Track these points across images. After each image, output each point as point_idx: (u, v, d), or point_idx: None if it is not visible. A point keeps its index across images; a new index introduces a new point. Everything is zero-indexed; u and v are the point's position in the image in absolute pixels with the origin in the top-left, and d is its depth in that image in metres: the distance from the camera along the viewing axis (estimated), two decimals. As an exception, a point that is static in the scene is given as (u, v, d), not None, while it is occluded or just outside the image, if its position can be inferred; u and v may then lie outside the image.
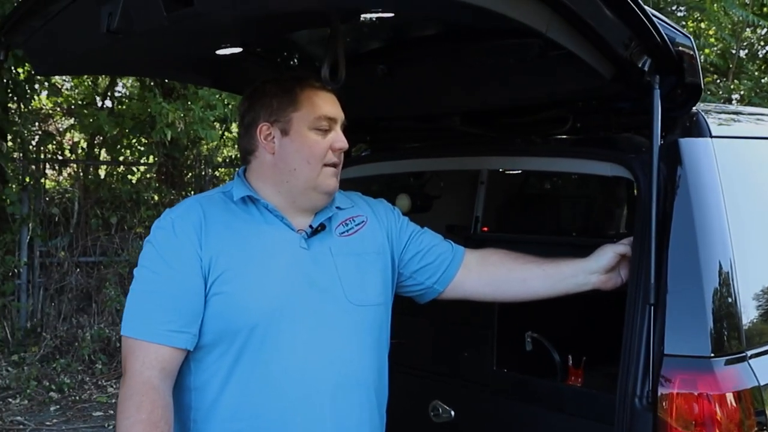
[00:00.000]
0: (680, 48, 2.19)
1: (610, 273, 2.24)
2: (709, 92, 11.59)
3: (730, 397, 1.97)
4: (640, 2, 1.99)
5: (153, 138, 7.70)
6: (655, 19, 2.08)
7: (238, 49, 2.56)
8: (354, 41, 2.76)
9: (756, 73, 11.17)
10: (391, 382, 3.11)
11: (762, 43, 12.30)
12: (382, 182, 3.99)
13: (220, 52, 2.53)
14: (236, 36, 2.34)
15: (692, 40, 2.24)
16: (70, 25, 2.30)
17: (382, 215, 2.25)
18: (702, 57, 11.55)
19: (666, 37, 2.12)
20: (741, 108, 3.50)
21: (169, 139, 7.33)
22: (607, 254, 2.24)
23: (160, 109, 6.97)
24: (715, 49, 11.42)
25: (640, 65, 2.16)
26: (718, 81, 12.13)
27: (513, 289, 2.26)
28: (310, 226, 2.04)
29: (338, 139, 2.04)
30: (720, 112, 2.60)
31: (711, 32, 11.60)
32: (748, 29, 11.24)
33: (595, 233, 4.14)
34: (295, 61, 2.86)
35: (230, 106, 7.76)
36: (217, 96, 7.55)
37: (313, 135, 2.00)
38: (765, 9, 10.69)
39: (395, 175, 3.67)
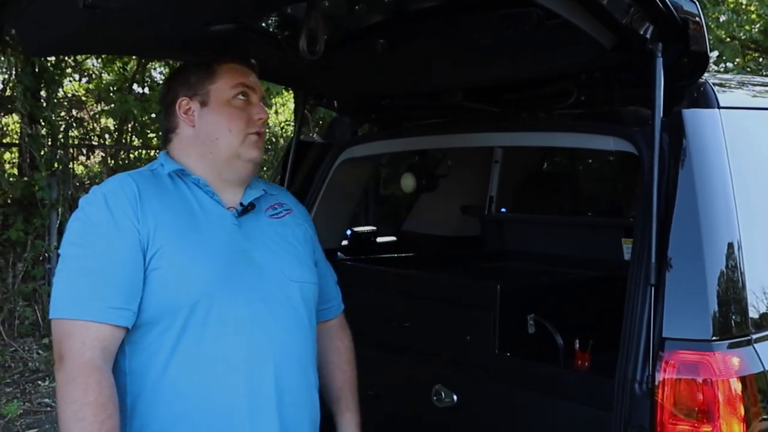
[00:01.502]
0: (685, 14, 2.07)
1: None
2: (749, 69, 11.25)
3: (733, 382, 1.86)
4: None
5: None
6: (656, -19, 1.95)
7: (231, 26, 2.50)
8: (351, 16, 2.68)
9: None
10: (393, 366, 3.05)
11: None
12: (387, 161, 3.91)
13: (214, 28, 2.47)
14: (217, 10, 2.27)
15: (698, 6, 2.11)
16: (53, 3, 2.25)
17: (305, 218, 2.22)
18: (743, 34, 11.21)
19: (669, 3, 2.00)
20: (757, 78, 3.34)
21: None
22: None
23: None
24: (757, 25, 11.06)
25: (641, 33, 2.04)
26: (760, 58, 11.75)
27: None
28: (241, 204, 1.99)
29: (258, 109, 2.03)
30: (731, 82, 2.45)
31: (752, 8, 11.23)
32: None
33: (614, 213, 4.01)
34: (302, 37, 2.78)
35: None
36: None
37: (232, 104, 1.99)
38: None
39: (400, 154, 3.59)
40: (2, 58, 7.28)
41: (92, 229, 1.81)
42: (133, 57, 7.79)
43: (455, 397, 2.74)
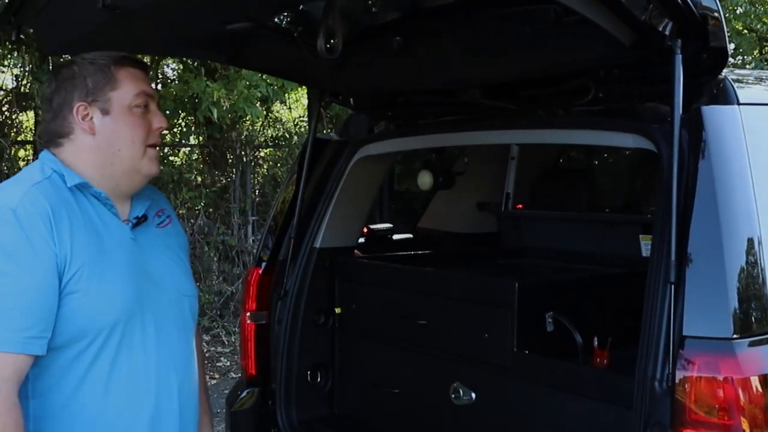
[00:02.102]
0: (704, 10, 2.06)
1: None
2: (766, 62, 11.17)
3: (754, 380, 1.86)
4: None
5: (198, 117, 7.72)
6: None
7: (248, 24, 2.51)
8: (367, 13, 2.68)
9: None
10: (412, 363, 3.07)
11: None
12: (401, 158, 3.92)
13: (231, 27, 2.48)
14: (240, 9, 2.28)
15: (717, 1, 2.10)
16: (72, 3, 2.27)
17: (179, 225, 2.19)
18: (760, 25, 11.14)
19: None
20: None
21: (215, 117, 7.33)
22: None
23: (204, 88, 6.98)
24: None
25: (660, 29, 2.03)
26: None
27: None
28: (136, 217, 1.96)
29: (158, 118, 1.97)
30: (751, 78, 2.44)
31: (770, -1, 11.17)
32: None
33: (631, 209, 4.00)
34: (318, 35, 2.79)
35: (274, 87, 7.75)
36: (259, 76, 7.53)
37: (134, 113, 1.91)
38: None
39: (415, 151, 3.60)
40: (17, 55, 7.32)
41: (4, 251, 1.70)
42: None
43: (473, 395, 2.75)
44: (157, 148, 1.99)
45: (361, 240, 3.72)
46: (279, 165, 9.28)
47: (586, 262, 3.58)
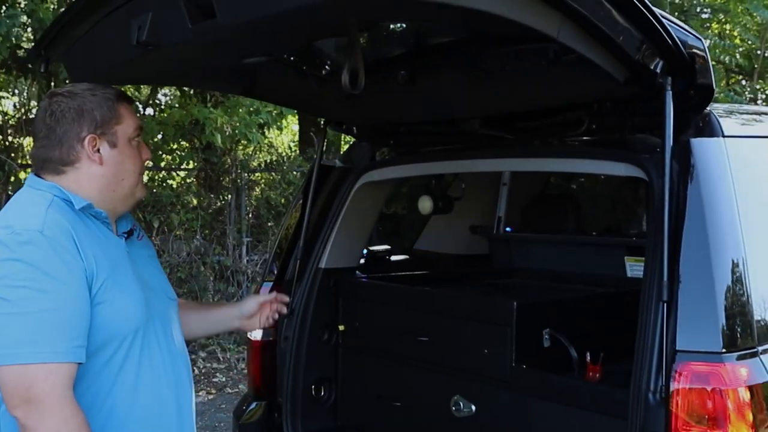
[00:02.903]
0: (692, 50, 2.17)
1: (252, 318, 2.53)
2: (733, 92, 11.39)
3: (742, 391, 1.94)
4: (650, 6, 1.98)
5: (201, 142, 7.83)
6: (666, 21, 2.06)
7: (264, 58, 2.59)
8: (375, 48, 2.77)
9: (782, 76, 10.96)
10: (413, 377, 3.13)
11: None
12: (404, 185, 4.00)
13: (247, 61, 2.56)
14: (260, 46, 2.36)
15: (704, 41, 2.22)
16: (104, 37, 2.34)
17: (149, 241, 2.33)
18: (727, 58, 11.36)
19: (677, 40, 2.10)
20: (756, 107, 3.45)
21: (220, 142, 7.44)
22: (250, 303, 2.53)
23: (207, 114, 7.09)
24: (740, 50, 11.23)
25: (652, 67, 2.14)
26: (744, 81, 11.91)
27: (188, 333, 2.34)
28: (125, 232, 2.08)
29: (145, 149, 2.12)
30: (734, 112, 2.56)
31: (735, 33, 11.40)
32: (772, 30, 11.02)
33: (616, 232, 4.11)
34: (326, 68, 2.87)
35: (273, 113, 7.88)
36: (257, 103, 7.63)
37: (132, 146, 2.05)
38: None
39: (417, 178, 3.68)
40: (24, 81, 7.36)
41: (41, 270, 1.77)
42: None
43: (473, 407, 2.82)
44: (142, 174, 2.14)
45: (361, 261, 3.79)
46: (272, 188, 9.34)
47: (573, 282, 3.67)
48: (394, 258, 4.05)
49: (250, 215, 8.94)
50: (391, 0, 1.83)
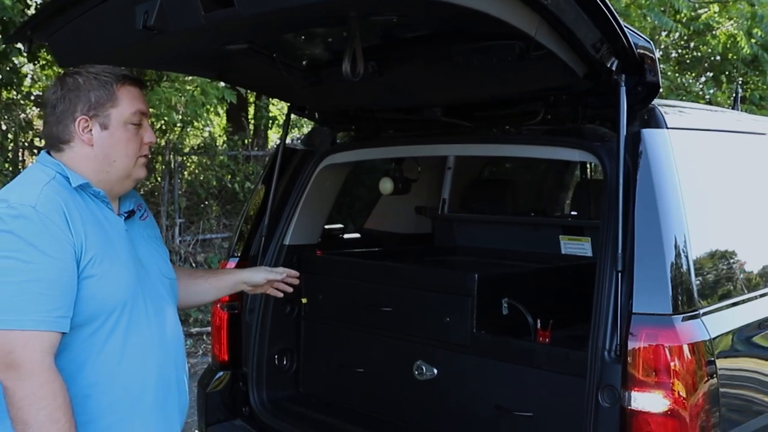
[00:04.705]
0: (642, 51, 2.36)
1: (257, 288, 2.61)
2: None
3: (686, 348, 2.15)
4: (612, 9, 2.14)
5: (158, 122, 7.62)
6: (622, 24, 2.23)
7: (245, 46, 2.63)
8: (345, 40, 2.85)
9: (669, 74, 11.55)
10: (376, 346, 3.25)
11: (675, 47, 12.73)
12: (365, 167, 4.09)
13: (230, 47, 2.59)
14: (260, 34, 2.39)
15: (652, 44, 2.41)
16: (99, 22, 2.33)
17: (154, 221, 2.34)
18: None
19: (630, 41, 2.28)
20: (691, 104, 3.73)
21: (174, 120, 7.25)
22: (259, 276, 2.59)
23: (161, 93, 6.91)
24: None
25: (608, 65, 2.32)
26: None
27: (188, 300, 2.43)
28: (126, 212, 2.10)
29: (148, 133, 2.09)
30: (674, 107, 2.78)
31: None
32: (663, 33, 11.62)
33: (552, 213, 4.34)
34: (297, 57, 2.92)
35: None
36: (209, 83, 7.43)
37: (129, 129, 2.02)
38: (678, 16, 11.08)
39: (378, 161, 3.78)
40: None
41: (28, 242, 1.79)
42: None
43: (435, 371, 2.96)
44: (147, 157, 2.11)
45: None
46: (203, 170, 9.23)
47: (512, 258, 3.87)
48: (347, 236, 4.15)
49: (184, 197, 8.81)
50: None
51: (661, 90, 2.44)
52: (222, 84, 7.25)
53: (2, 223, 1.81)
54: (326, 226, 3.90)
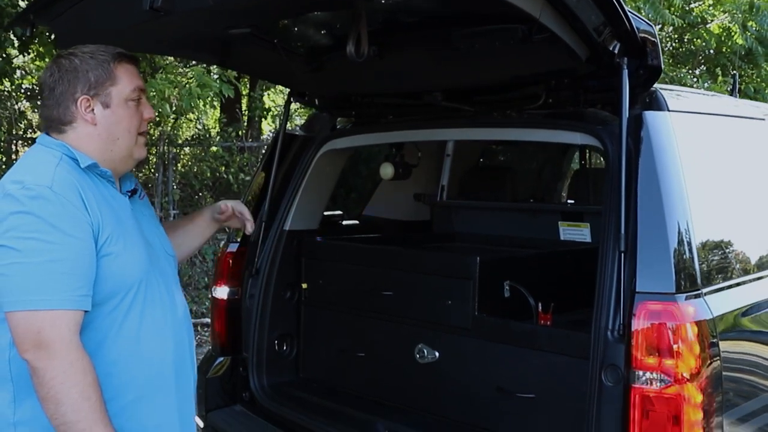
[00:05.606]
0: (644, 34, 2.38)
1: (224, 214, 2.51)
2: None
3: (690, 326, 2.18)
4: (615, -8, 2.16)
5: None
6: (625, 7, 2.25)
7: (247, 30, 2.63)
8: (347, 23, 2.86)
9: (664, 67, 11.58)
10: (377, 330, 3.27)
11: (668, 40, 12.77)
12: (363, 155, 4.11)
13: (233, 32, 2.60)
14: (267, 17, 2.39)
15: (654, 27, 2.43)
16: (104, 3, 2.34)
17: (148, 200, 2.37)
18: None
19: (633, 24, 2.30)
20: (692, 89, 3.76)
21: (168, 113, 7.23)
22: (217, 205, 2.53)
23: (156, 85, 6.90)
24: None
25: (611, 48, 2.34)
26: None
27: (180, 255, 2.41)
28: (128, 191, 2.12)
29: (147, 109, 2.11)
30: (673, 91, 2.80)
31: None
32: (657, 26, 11.65)
33: (545, 199, 4.36)
34: (297, 42, 2.93)
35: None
36: (206, 76, 7.39)
37: (129, 106, 2.04)
38: (671, 9, 11.11)
39: (377, 148, 3.79)
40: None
41: (48, 222, 1.80)
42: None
43: (437, 354, 2.98)
44: (145, 135, 2.14)
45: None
46: (198, 162, 9.21)
47: (511, 245, 3.89)
48: (345, 222, 4.16)
49: (177, 189, 8.80)
50: None
51: (663, 71, 2.46)
52: (218, 78, 7.24)
53: (20, 205, 1.81)
54: (325, 213, 3.92)
